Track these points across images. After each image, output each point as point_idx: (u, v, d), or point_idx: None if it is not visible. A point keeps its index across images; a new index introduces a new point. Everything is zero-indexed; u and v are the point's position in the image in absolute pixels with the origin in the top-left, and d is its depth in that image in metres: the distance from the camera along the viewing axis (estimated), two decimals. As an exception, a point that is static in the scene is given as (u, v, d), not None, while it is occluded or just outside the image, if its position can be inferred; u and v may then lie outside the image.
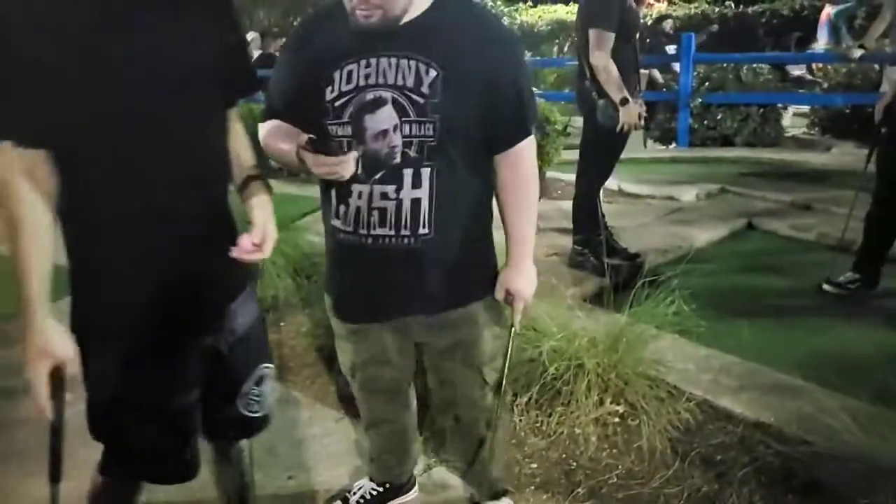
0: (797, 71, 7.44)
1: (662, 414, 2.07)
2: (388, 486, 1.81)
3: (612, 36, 3.00)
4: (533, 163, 1.43)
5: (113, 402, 1.18)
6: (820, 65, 7.60)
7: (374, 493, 1.80)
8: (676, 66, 7.30)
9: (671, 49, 7.95)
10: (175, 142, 1.11)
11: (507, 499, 1.77)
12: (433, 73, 1.28)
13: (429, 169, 1.31)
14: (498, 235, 1.52)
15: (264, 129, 1.43)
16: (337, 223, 1.40)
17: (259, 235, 1.19)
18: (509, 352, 1.52)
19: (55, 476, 1.14)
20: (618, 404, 2.11)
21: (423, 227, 1.34)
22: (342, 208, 1.37)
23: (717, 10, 13.28)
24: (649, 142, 7.67)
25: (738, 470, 1.89)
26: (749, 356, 2.41)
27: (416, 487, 1.87)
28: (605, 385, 2.11)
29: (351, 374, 1.66)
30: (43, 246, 1.05)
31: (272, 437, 1.43)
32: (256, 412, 1.37)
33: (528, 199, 1.45)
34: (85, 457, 1.26)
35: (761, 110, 6.85)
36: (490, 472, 1.69)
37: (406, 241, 1.35)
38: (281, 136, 1.39)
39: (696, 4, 13.99)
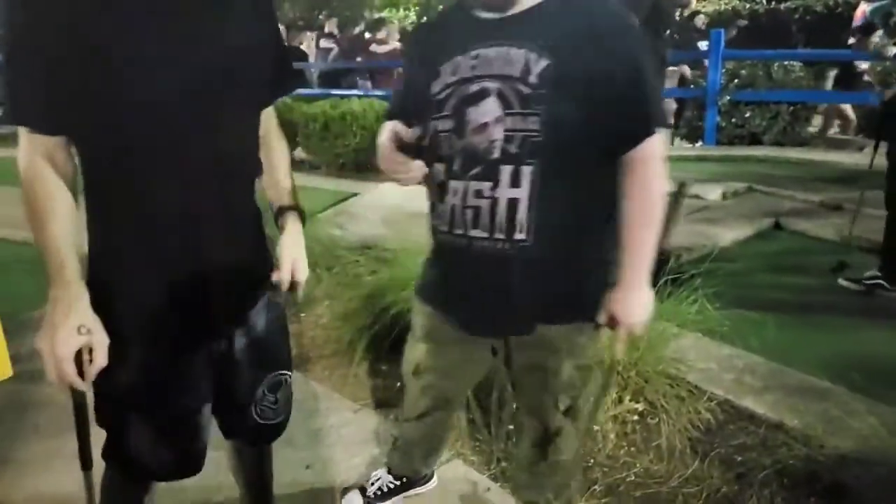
0: (864, 65, 7.12)
1: (682, 413, 2.04)
2: (405, 479, 1.81)
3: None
4: (661, 169, 1.25)
5: (116, 399, 1.15)
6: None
7: (392, 485, 1.80)
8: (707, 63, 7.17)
9: (703, 45, 7.80)
10: (199, 140, 1.08)
11: None
12: (543, 62, 1.18)
13: (530, 167, 1.20)
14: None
15: (381, 132, 1.38)
16: (436, 221, 1.34)
17: (286, 277, 1.20)
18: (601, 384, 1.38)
19: (86, 463, 1.12)
20: (637, 402, 2.09)
21: (520, 231, 1.22)
22: (439, 206, 1.31)
23: (747, 5, 13.04)
24: (676, 139, 7.57)
25: (759, 471, 1.86)
26: (774, 357, 2.36)
27: (434, 479, 1.87)
28: (624, 383, 2.09)
29: (413, 372, 1.57)
30: (69, 228, 1.03)
31: (289, 427, 1.42)
32: (271, 419, 1.33)
33: (653, 210, 1.26)
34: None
35: (791, 108, 6.71)
36: (545, 489, 1.55)
37: (500, 245, 1.24)
38: (387, 138, 1.32)
39: (727, 0, 13.75)
